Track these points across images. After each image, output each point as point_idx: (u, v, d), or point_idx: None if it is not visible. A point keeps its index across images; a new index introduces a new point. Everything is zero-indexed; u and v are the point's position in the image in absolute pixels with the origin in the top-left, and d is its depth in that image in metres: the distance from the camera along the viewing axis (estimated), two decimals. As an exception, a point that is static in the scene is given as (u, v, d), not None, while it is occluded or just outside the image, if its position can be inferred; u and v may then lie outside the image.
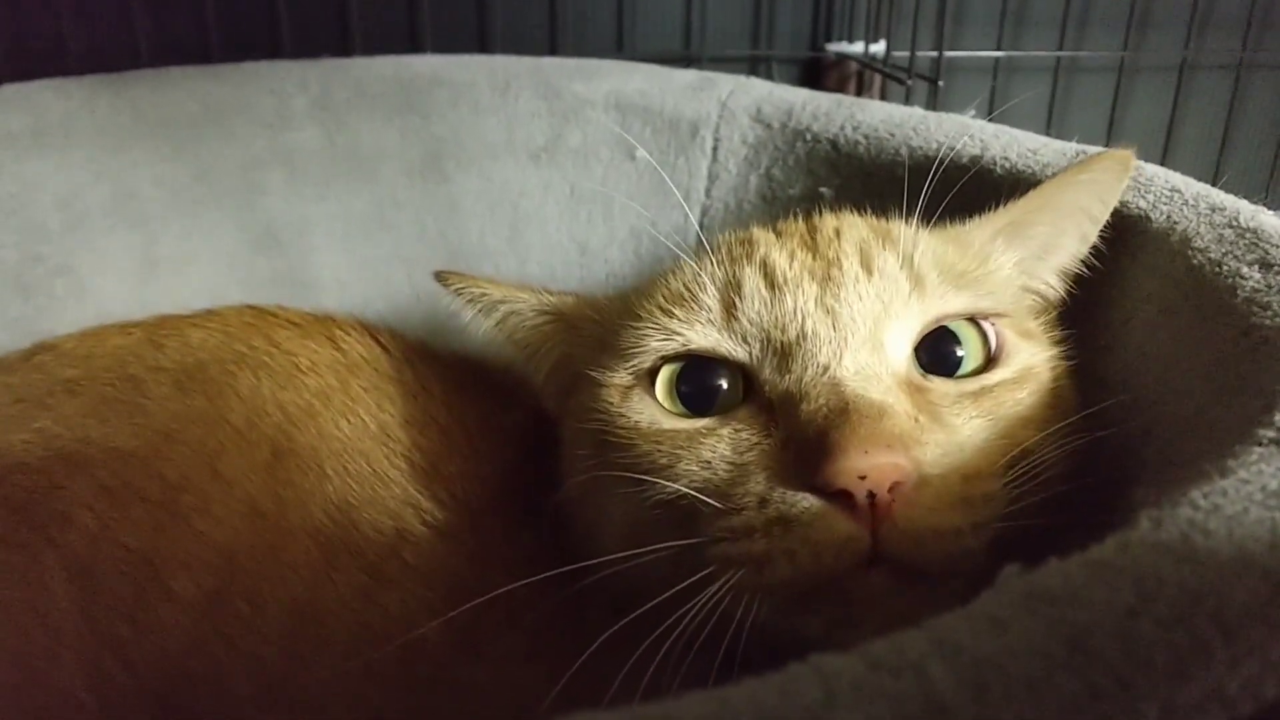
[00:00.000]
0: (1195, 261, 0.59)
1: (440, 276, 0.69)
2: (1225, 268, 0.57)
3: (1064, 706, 0.27)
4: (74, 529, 0.57)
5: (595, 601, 0.54)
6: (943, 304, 0.56)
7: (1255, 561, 0.32)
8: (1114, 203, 0.66)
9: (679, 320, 0.57)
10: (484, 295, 0.68)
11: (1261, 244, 0.57)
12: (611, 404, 0.58)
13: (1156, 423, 0.56)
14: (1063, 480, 0.55)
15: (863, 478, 0.46)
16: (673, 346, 0.57)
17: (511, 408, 0.72)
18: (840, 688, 0.27)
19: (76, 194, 0.90)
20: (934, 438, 0.50)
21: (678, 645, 0.48)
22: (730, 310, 0.56)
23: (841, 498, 0.47)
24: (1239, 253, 0.57)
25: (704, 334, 0.56)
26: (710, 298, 0.57)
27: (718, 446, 0.53)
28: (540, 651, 0.56)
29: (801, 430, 0.50)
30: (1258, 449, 0.40)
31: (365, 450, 0.64)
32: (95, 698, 0.54)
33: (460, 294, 0.68)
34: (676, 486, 0.52)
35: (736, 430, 0.53)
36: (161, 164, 0.94)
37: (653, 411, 0.56)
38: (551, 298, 0.68)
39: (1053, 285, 0.67)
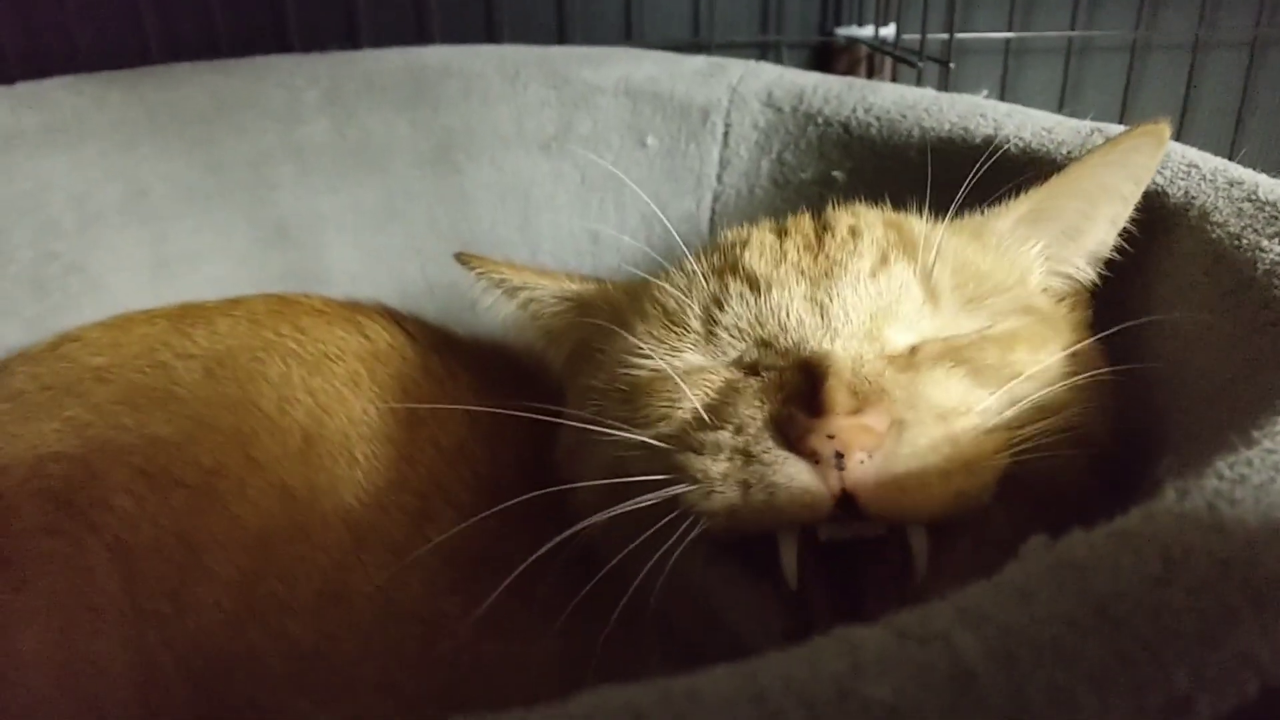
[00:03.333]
0: (1214, 236, 0.58)
1: (461, 258, 0.69)
2: (1245, 241, 0.56)
3: (1094, 673, 0.27)
4: (114, 513, 0.59)
5: (594, 572, 0.55)
6: (955, 324, 0.56)
7: (1283, 529, 0.32)
8: (1147, 182, 0.63)
9: (670, 347, 0.57)
10: (505, 280, 0.68)
11: (1281, 217, 0.56)
12: (628, 350, 0.58)
13: (1178, 399, 0.56)
14: (1085, 461, 0.54)
15: (831, 436, 0.46)
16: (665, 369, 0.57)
17: (533, 391, 0.72)
18: (867, 657, 0.27)
19: (89, 191, 0.91)
20: (910, 385, 0.50)
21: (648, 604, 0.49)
22: (711, 327, 0.56)
23: (809, 454, 0.47)
24: (1259, 226, 0.57)
25: (689, 360, 0.57)
26: (694, 319, 0.57)
27: (714, 380, 0.54)
28: (548, 626, 0.56)
29: (786, 382, 0.51)
30: (1282, 419, 0.39)
31: (392, 434, 0.65)
32: (138, 675, 0.56)
33: (481, 277, 0.68)
34: (667, 423, 0.53)
35: (732, 371, 0.55)
36: (172, 160, 0.95)
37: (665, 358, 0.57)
38: (574, 285, 0.68)
39: (1083, 270, 0.65)
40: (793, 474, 0.47)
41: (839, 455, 0.46)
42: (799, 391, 0.49)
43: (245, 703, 0.56)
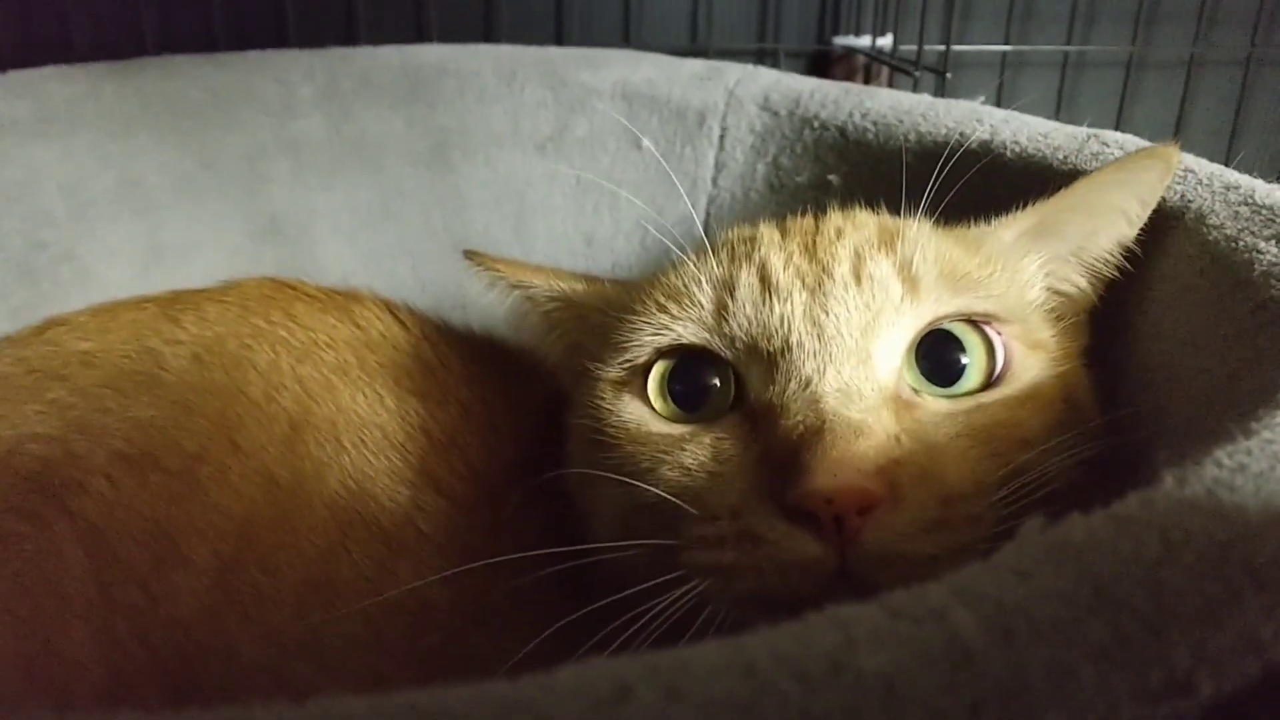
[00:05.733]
0: (1211, 238, 0.58)
1: (468, 255, 0.69)
2: (1242, 243, 0.56)
3: (1093, 651, 0.26)
4: (89, 497, 0.58)
5: (593, 581, 0.54)
6: (937, 306, 0.54)
7: (1284, 515, 0.31)
8: (1154, 203, 0.62)
9: (671, 316, 0.56)
10: (501, 276, 0.68)
11: (1278, 219, 0.56)
12: (603, 401, 0.58)
13: (1174, 398, 0.55)
14: (1068, 490, 0.53)
15: (830, 501, 0.45)
16: (664, 340, 0.56)
17: (530, 385, 0.72)
18: (860, 633, 0.27)
19: (81, 181, 0.90)
20: (913, 458, 0.48)
21: (653, 630, 0.48)
22: (722, 311, 0.55)
23: (808, 519, 0.46)
24: (1255, 228, 0.57)
25: (694, 332, 0.56)
26: (704, 296, 0.56)
27: (698, 454, 0.53)
28: (541, 626, 0.56)
29: (778, 445, 0.49)
30: (1282, 410, 0.39)
31: (382, 423, 0.65)
32: (106, 668, 0.54)
33: (482, 273, 0.68)
34: (657, 491, 0.52)
35: (719, 439, 0.53)
36: (167, 152, 0.94)
37: (641, 414, 0.56)
38: (563, 283, 0.67)
39: (1083, 289, 0.64)
40: (799, 545, 0.46)
41: (838, 520, 0.45)
42: (794, 450, 0.47)
43: (222, 696, 0.54)
